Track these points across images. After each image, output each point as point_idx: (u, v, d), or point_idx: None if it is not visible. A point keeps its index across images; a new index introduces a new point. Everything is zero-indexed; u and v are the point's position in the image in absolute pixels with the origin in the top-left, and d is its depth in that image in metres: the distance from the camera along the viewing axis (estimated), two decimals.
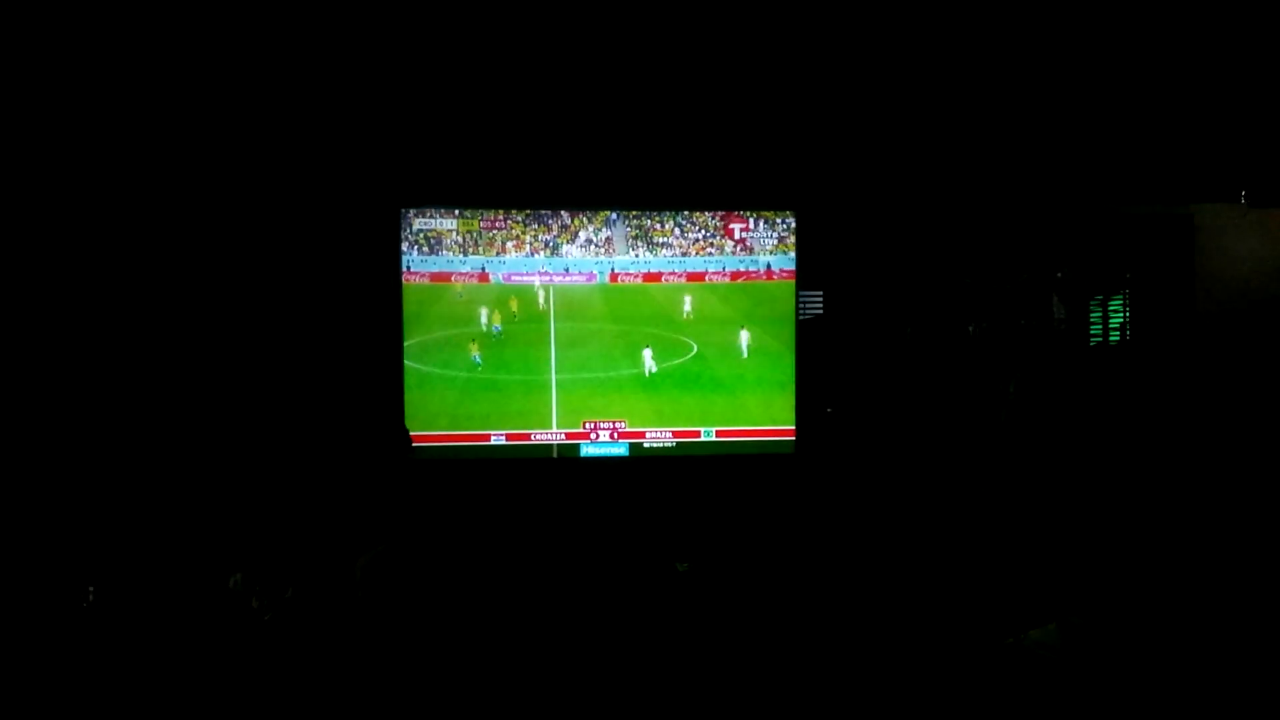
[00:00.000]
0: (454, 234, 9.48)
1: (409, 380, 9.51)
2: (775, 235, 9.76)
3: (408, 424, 9.18)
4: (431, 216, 9.48)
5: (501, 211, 9.56)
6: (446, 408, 9.55)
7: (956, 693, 3.33)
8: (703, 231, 9.75)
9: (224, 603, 4.22)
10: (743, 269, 9.80)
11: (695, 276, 9.79)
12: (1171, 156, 10.72)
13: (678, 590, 7.58)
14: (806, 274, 9.97)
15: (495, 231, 9.55)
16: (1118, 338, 10.48)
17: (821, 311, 10.40)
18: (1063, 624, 3.85)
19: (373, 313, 9.77)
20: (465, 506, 9.29)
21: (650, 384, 9.80)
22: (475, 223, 9.51)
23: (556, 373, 9.68)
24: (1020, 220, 10.46)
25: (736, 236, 9.75)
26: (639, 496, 9.65)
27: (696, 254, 9.76)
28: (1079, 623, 3.77)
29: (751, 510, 9.32)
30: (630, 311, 9.78)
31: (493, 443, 9.57)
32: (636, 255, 9.72)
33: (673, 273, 9.78)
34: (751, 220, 9.76)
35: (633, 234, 9.68)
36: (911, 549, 5.33)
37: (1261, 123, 9.73)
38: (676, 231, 9.73)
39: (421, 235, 9.47)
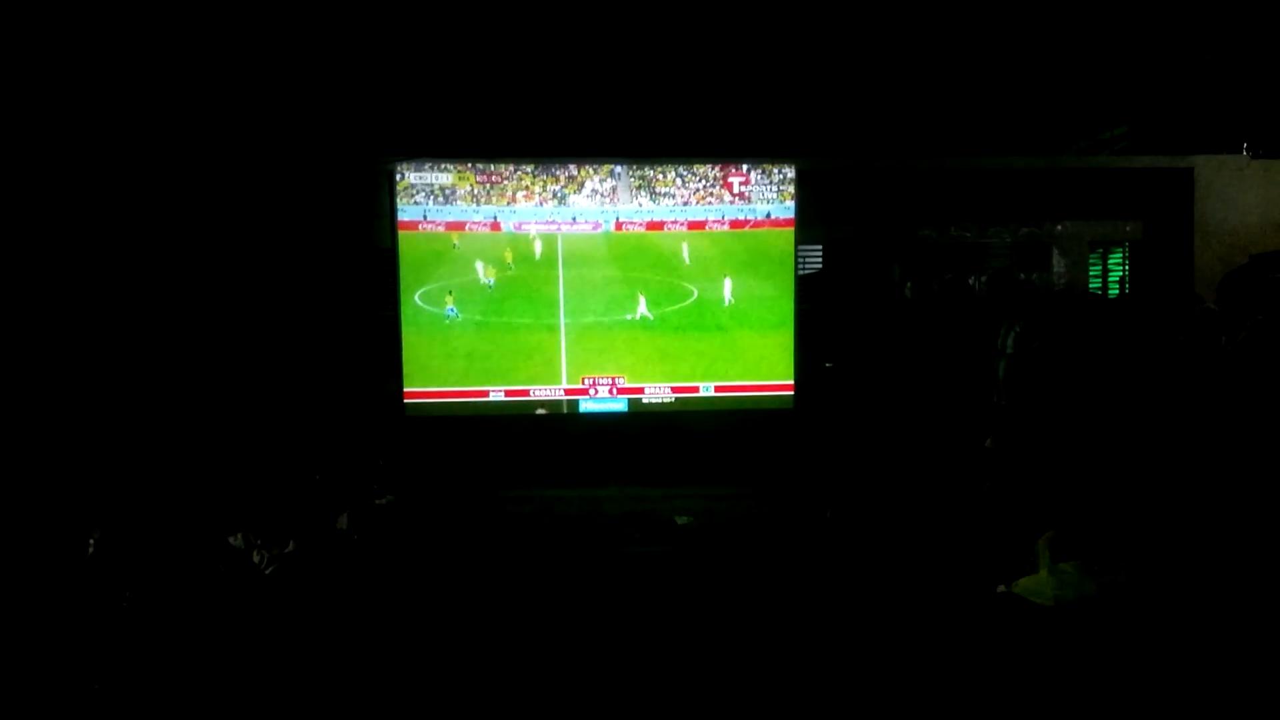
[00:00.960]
0: (466, 186, 9.44)
1: (420, 322, 9.58)
2: (774, 186, 9.69)
3: (417, 371, 9.24)
4: (437, 170, 9.43)
5: (510, 164, 9.50)
6: (456, 354, 9.56)
7: (949, 640, 3.36)
8: (702, 182, 9.69)
9: (227, 558, 4.25)
10: (741, 217, 9.74)
11: (695, 225, 9.74)
12: (1173, 107, 10.66)
13: (679, 543, 7.63)
14: (806, 225, 9.92)
15: (505, 183, 9.50)
16: (1117, 291, 10.47)
17: (821, 266, 10.38)
18: (1054, 571, 3.88)
19: (368, 272, 9.81)
20: (462, 461, 9.32)
21: (649, 332, 9.76)
22: (471, 177, 9.46)
23: (566, 318, 9.65)
24: (1019, 174, 10.41)
25: (735, 190, 9.69)
26: (639, 451, 9.68)
27: (697, 203, 9.70)
28: (1070, 570, 3.80)
29: (751, 465, 9.35)
30: (634, 259, 9.76)
31: (491, 399, 9.58)
32: (639, 205, 9.67)
33: (675, 221, 9.74)
34: (750, 171, 9.68)
35: (635, 184, 9.64)
36: (910, 503, 5.35)
37: (1265, 73, 9.65)
38: (678, 181, 9.67)
39: (437, 187, 9.44)
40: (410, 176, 9.38)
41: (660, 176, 9.66)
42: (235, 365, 8.39)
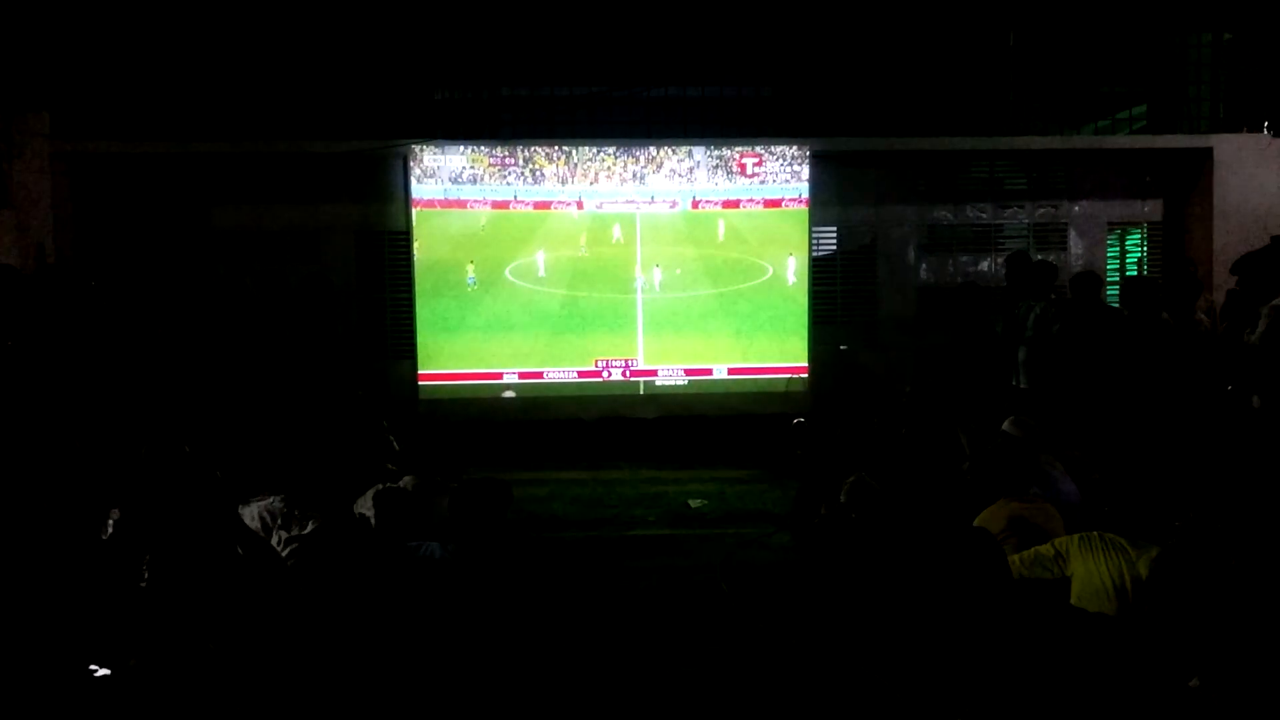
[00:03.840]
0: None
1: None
2: (789, 167, 9.59)
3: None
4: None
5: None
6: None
7: (958, 626, 3.32)
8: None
9: (245, 539, 4.23)
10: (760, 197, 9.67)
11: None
12: (1192, 86, 10.54)
13: (692, 524, 7.61)
14: (820, 206, 9.84)
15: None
16: (1135, 271, 10.37)
17: (835, 248, 10.29)
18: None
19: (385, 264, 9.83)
20: (476, 444, 9.30)
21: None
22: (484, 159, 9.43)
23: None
24: (1036, 154, 10.31)
25: (749, 171, 9.61)
26: (654, 432, 9.64)
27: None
28: None
29: (765, 447, 9.30)
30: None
31: (505, 380, 9.56)
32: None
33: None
34: (766, 152, 9.59)
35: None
36: (924, 486, 5.31)
37: None
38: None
39: (528, 167, 9.46)
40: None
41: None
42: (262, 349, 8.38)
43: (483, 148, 9.44)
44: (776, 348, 9.72)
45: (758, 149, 9.55)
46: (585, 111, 10.07)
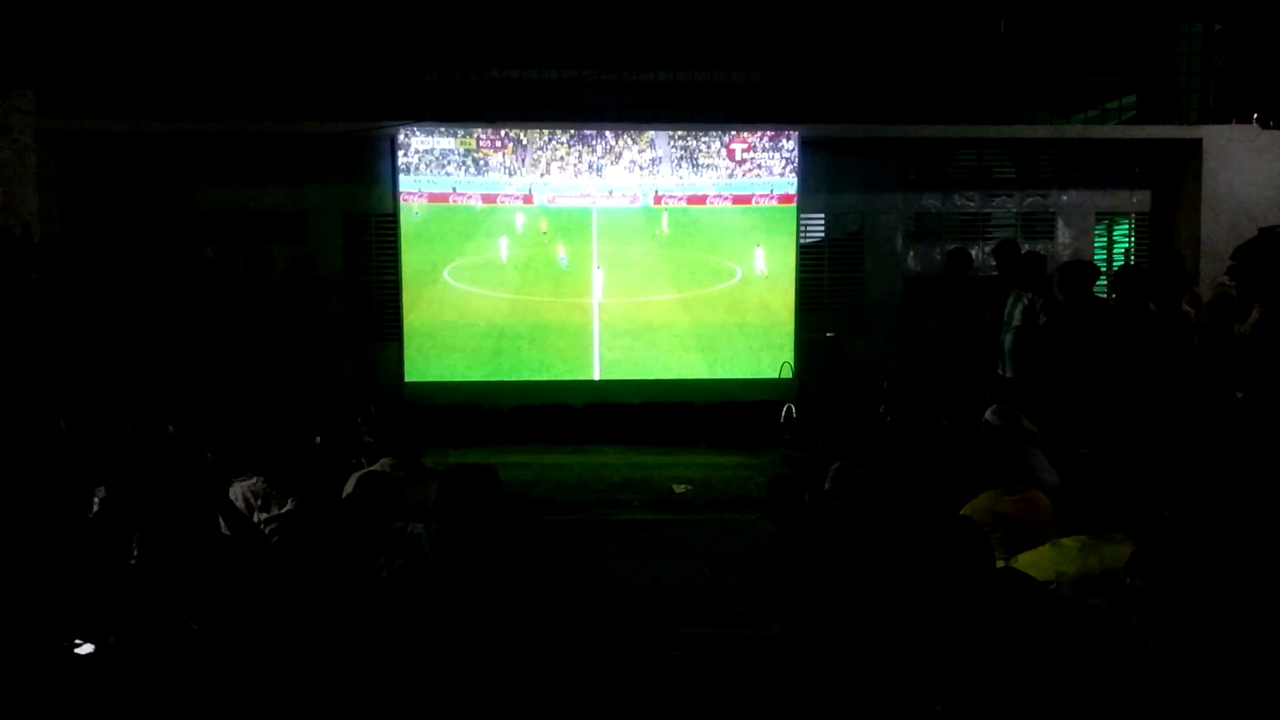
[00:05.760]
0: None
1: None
2: (781, 157, 9.58)
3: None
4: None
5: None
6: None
7: (947, 614, 3.33)
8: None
9: (230, 517, 4.23)
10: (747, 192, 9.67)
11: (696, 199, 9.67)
12: (1181, 76, 10.53)
13: (676, 508, 7.61)
14: (808, 193, 9.84)
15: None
16: (1122, 261, 10.38)
17: (823, 235, 10.29)
18: (1056, 545, 3.85)
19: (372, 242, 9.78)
20: (463, 426, 9.29)
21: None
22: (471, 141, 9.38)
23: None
24: (1024, 143, 10.30)
25: (738, 158, 9.59)
26: (639, 416, 9.65)
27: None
28: (1073, 545, 3.77)
29: (751, 435, 9.31)
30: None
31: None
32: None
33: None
34: (757, 141, 9.57)
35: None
36: (911, 476, 5.32)
37: (1277, 41, 9.53)
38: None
39: (470, 158, 9.40)
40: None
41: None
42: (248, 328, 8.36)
43: (475, 131, 9.40)
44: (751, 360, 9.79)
45: (744, 134, 9.53)
46: (573, 95, 10.02)
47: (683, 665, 4.70)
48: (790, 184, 9.57)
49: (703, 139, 9.54)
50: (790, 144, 9.51)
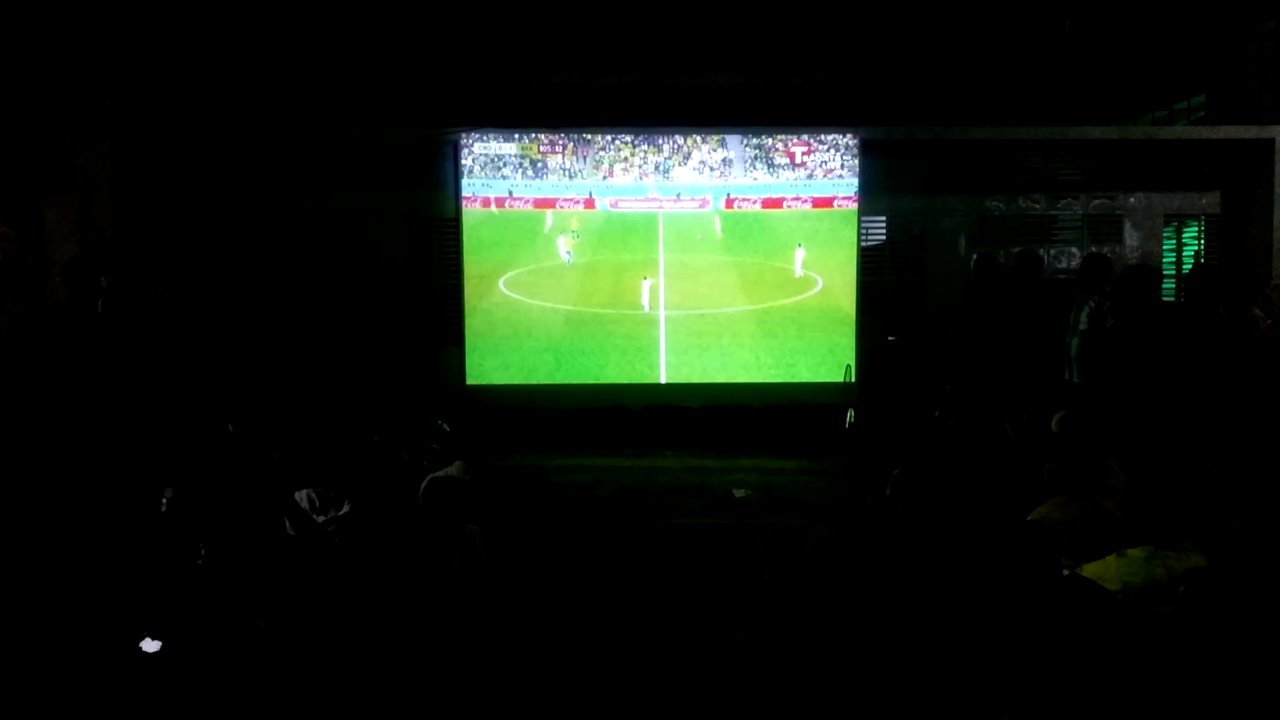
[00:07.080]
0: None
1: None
2: (840, 156, 9.53)
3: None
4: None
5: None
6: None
7: (1012, 621, 3.29)
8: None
9: (295, 518, 4.31)
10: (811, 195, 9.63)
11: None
12: (1253, 75, 10.29)
13: (738, 514, 7.59)
14: (869, 196, 9.77)
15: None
16: (1192, 264, 10.16)
17: (884, 238, 10.21)
18: (1122, 556, 3.79)
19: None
20: (522, 430, 9.36)
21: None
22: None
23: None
24: (1091, 144, 10.14)
25: (798, 160, 9.56)
26: (698, 420, 9.65)
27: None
28: (1139, 556, 3.71)
29: (810, 436, 9.26)
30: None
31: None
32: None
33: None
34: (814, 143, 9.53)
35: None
36: (974, 480, 5.26)
37: None
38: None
39: (528, 160, 9.49)
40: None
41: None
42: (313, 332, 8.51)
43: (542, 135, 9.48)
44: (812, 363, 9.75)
45: (805, 137, 9.50)
46: (633, 99, 10.06)
47: (726, 665, 4.68)
48: (851, 186, 9.53)
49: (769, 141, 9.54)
50: (852, 144, 9.46)
